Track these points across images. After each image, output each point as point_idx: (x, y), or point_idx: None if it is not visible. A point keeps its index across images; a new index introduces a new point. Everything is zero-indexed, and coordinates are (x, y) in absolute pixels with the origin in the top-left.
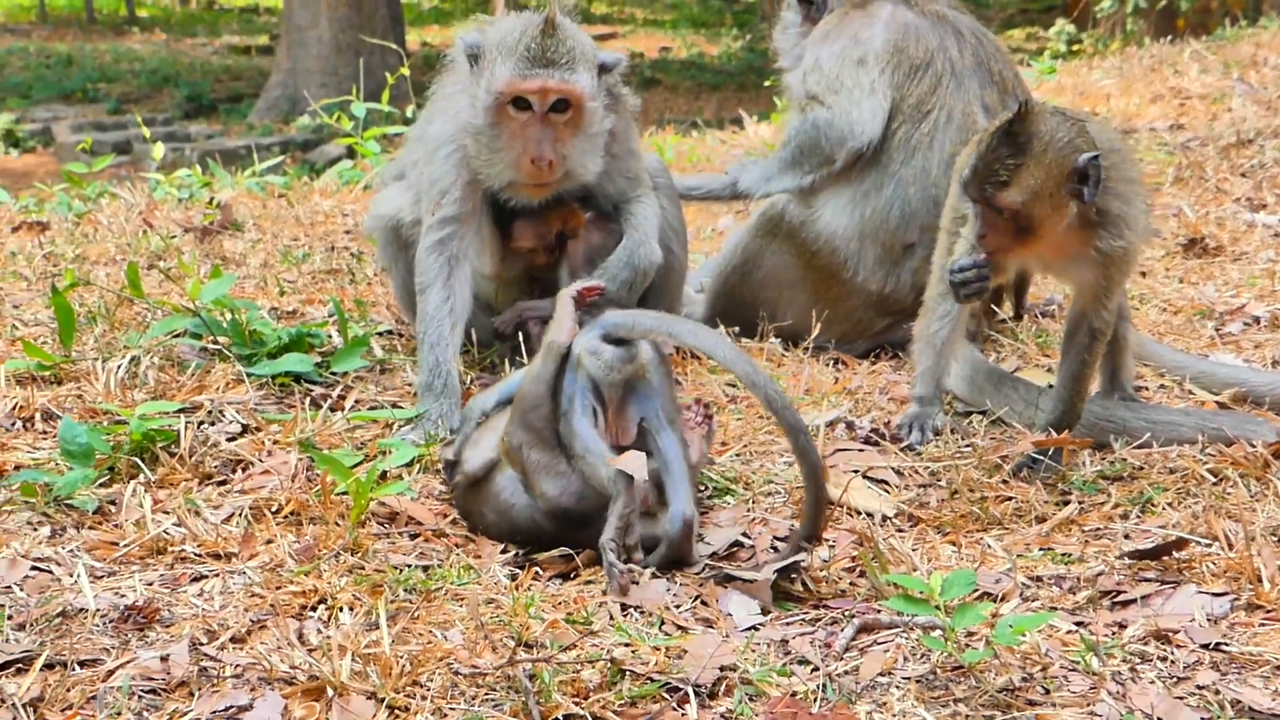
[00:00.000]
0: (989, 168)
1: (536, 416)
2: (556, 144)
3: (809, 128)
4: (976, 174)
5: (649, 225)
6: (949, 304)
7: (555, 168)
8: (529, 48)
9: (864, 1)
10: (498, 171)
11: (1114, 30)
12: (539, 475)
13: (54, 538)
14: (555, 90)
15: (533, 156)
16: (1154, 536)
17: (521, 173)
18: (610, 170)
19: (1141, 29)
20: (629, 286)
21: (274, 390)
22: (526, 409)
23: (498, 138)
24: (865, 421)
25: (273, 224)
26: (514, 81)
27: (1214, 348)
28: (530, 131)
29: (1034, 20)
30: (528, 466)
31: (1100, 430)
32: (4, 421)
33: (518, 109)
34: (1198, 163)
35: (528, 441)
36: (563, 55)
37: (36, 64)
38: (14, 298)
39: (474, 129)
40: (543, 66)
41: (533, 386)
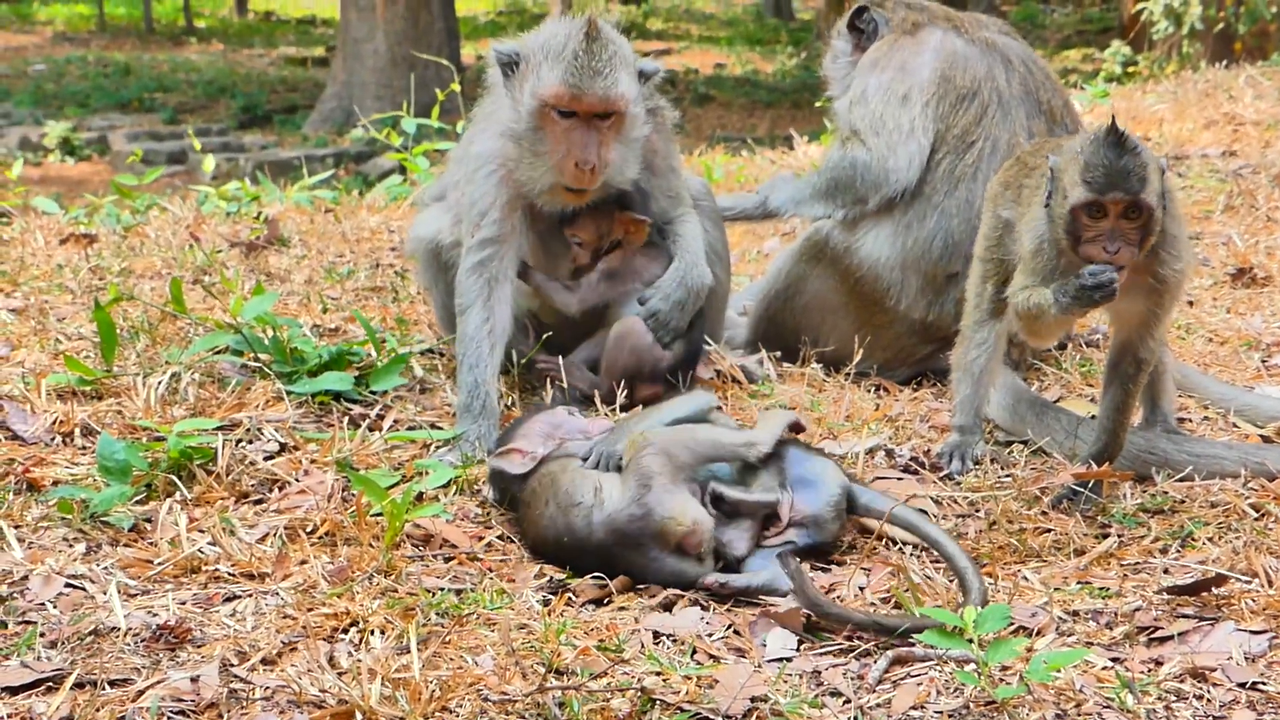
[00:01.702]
0: (1126, 168)
1: (687, 458)
2: (601, 148)
3: (846, 165)
4: (1121, 174)
5: (697, 245)
6: (985, 332)
7: (597, 173)
8: (576, 55)
9: (914, 28)
10: (539, 175)
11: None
12: (629, 481)
13: (89, 555)
14: (601, 100)
15: (577, 160)
16: (1193, 572)
17: (565, 177)
18: (652, 188)
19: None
20: (681, 307)
21: (313, 408)
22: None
23: (540, 142)
24: (905, 450)
25: (319, 240)
26: (561, 91)
27: (1260, 379)
28: (574, 136)
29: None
30: (634, 466)
31: (1142, 463)
32: (44, 436)
33: (562, 115)
34: (1249, 190)
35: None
36: (606, 63)
37: (95, 73)
38: (59, 310)
39: (515, 134)
40: (589, 75)
41: (708, 445)
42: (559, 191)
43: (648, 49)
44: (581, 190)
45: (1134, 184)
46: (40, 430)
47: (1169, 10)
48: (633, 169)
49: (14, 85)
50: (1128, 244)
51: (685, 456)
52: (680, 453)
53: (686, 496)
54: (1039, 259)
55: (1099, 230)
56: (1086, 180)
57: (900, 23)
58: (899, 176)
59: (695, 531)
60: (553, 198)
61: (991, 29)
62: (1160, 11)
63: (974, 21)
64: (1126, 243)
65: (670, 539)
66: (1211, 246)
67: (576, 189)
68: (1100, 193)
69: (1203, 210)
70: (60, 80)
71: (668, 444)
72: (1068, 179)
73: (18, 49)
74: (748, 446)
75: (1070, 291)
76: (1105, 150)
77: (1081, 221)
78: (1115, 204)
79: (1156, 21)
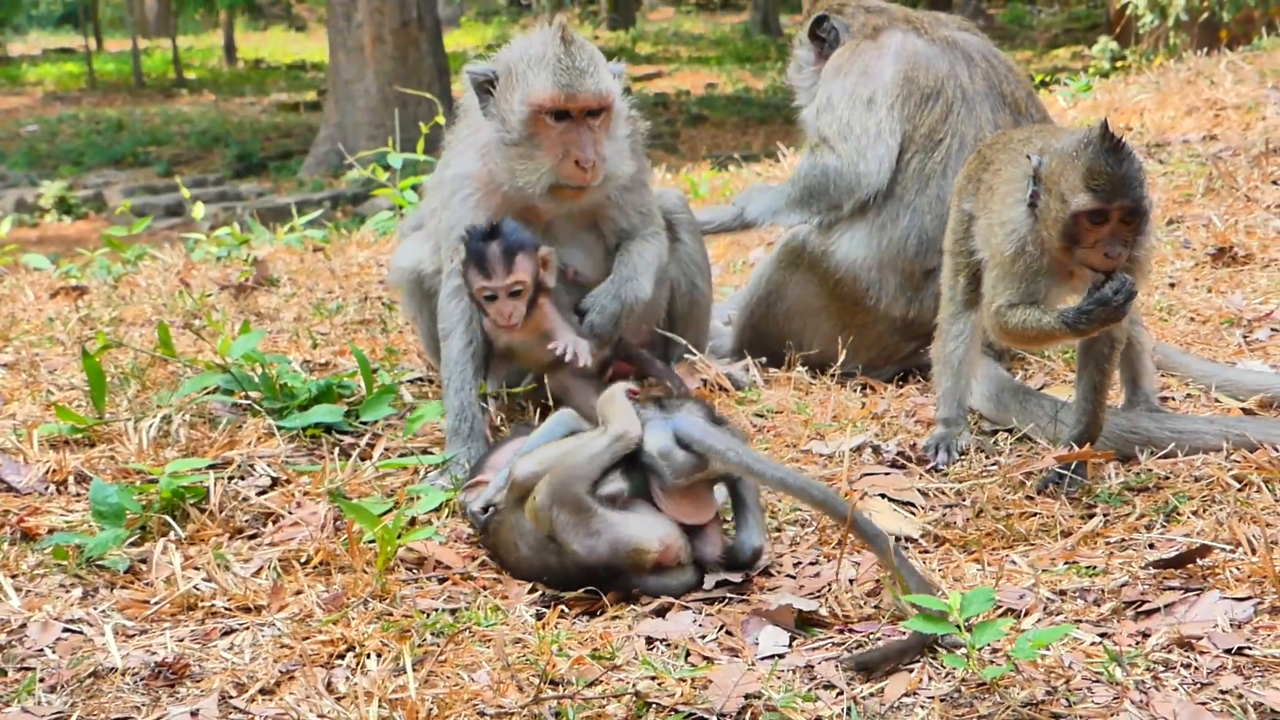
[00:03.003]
0: (1129, 175)
1: (580, 489)
2: (596, 146)
3: (818, 172)
4: (1125, 182)
5: (642, 262)
6: (961, 324)
7: (597, 169)
8: (559, 58)
9: (874, 32)
10: (538, 179)
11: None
12: (568, 534)
13: (85, 599)
14: (595, 98)
15: (577, 159)
16: (1178, 545)
17: (565, 176)
18: (624, 203)
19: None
20: (615, 320)
21: (305, 442)
22: (571, 479)
23: (536, 148)
24: (891, 445)
25: (308, 278)
26: (555, 94)
27: (1241, 355)
28: (570, 137)
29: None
30: (556, 526)
31: (1125, 443)
32: (38, 486)
33: (556, 119)
34: (1229, 173)
35: (561, 505)
36: (589, 61)
37: (87, 130)
38: (50, 362)
39: (508, 143)
40: (578, 75)
41: (587, 465)
42: (559, 192)
43: (638, 73)
44: (582, 188)
45: (1137, 190)
46: (34, 480)
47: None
48: (627, 165)
49: (7, 147)
50: (1124, 246)
51: (579, 488)
52: (567, 492)
53: (642, 517)
54: (1020, 262)
55: (1098, 235)
56: (1092, 188)
57: (860, 28)
58: (870, 180)
59: (668, 549)
60: (553, 199)
61: (951, 26)
62: (1145, 4)
63: (933, 21)
64: (1123, 245)
65: (645, 564)
66: (1192, 229)
67: (578, 186)
68: (1107, 201)
69: (1183, 194)
70: (53, 140)
71: (558, 494)
72: (1066, 184)
73: (9, 111)
74: (620, 440)
75: (1095, 315)
76: (1106, 157)
77: (1082, 226)
78: (1119, 210)
79: (1142, 15)
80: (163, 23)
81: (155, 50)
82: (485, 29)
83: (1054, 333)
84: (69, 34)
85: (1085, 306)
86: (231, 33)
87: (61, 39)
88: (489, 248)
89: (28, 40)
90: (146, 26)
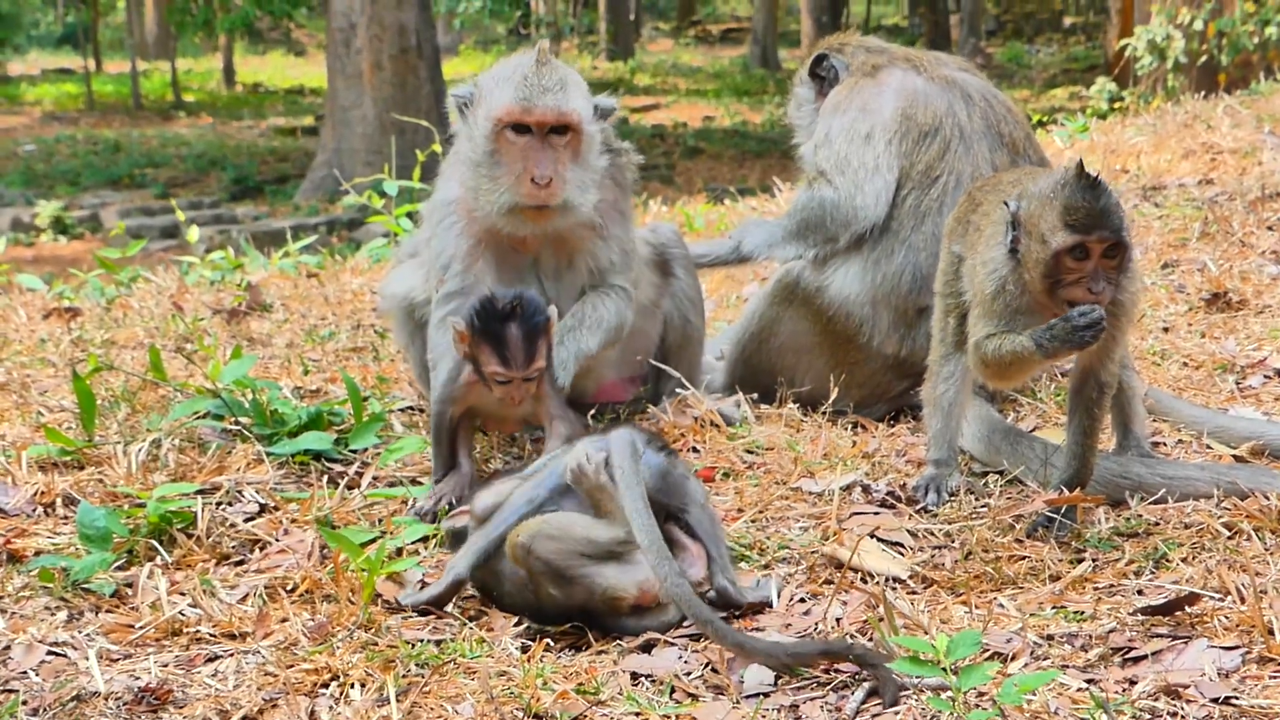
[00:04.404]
0: (1106, 208)
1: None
2: (557, 165)
3: (815, 205)
4: (1102, 215)
5: (594, 316)
6: (952, 365)
7: (555, 188)
8: (526, 76)
9: (873, 70)
10: (497, 198)
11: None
12: (543, 578)
13: (70, 622)
14: (554, 111)
15: (532, 175)
16: (1167, 592)
17: (522, 194)
18: (604, 237)
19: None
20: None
21: (294, 468)
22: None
23: (497, 165)
24: (881, 485)
25: (301, 304)
26: (512, 107)
27: (1234, 402)
28: (530, 154)
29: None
30: (533, 569)
31: (1116, 487)
32: (25, 508)
33: (517, 133)
34: (1224, 217)
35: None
36: (557, 82)
37: (84, 151)
38: (40, 384)
39: (474, 161)
40: (540, 91)
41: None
42: (520, 214)
43: (636, 104)
44: (541, 208)
45: (1115, 223)
46: (21, 502)
47: (1152, 45)
48: (592, 195)
49: (4, 166)
50: (1108, 283)
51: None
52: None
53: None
54: (1000, 300)
55: (1082, 272)
56: (1069, 224)
57: (860, 66)
58: (867, 213)
59: (645, 593)
60: (514, 220)
61: (950, 66)
62: (1144, 47)
63: (933, 60)
64: (1107, 281)
65: (623, 608)
66: (1187, 273)
67: (535, 206)
68: (1085, 234)
69: (1178, 238)
70: (50, 160)
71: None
72: (1045, 224)
73: (7, 130)
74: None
75: (1059, 334)
76: (1082, 193)
77: (1064, 265)
78: (1099, 244)
79: (1140, 57)
80: (162, 45)
81: (154, 72)
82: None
83: (1025, 354)
84: (68, 54)
85: (1054, 323)
86: (231, 56)
87: (61, 59)
88: (509, 331)
89: (27, 60)
90: (146, 49)
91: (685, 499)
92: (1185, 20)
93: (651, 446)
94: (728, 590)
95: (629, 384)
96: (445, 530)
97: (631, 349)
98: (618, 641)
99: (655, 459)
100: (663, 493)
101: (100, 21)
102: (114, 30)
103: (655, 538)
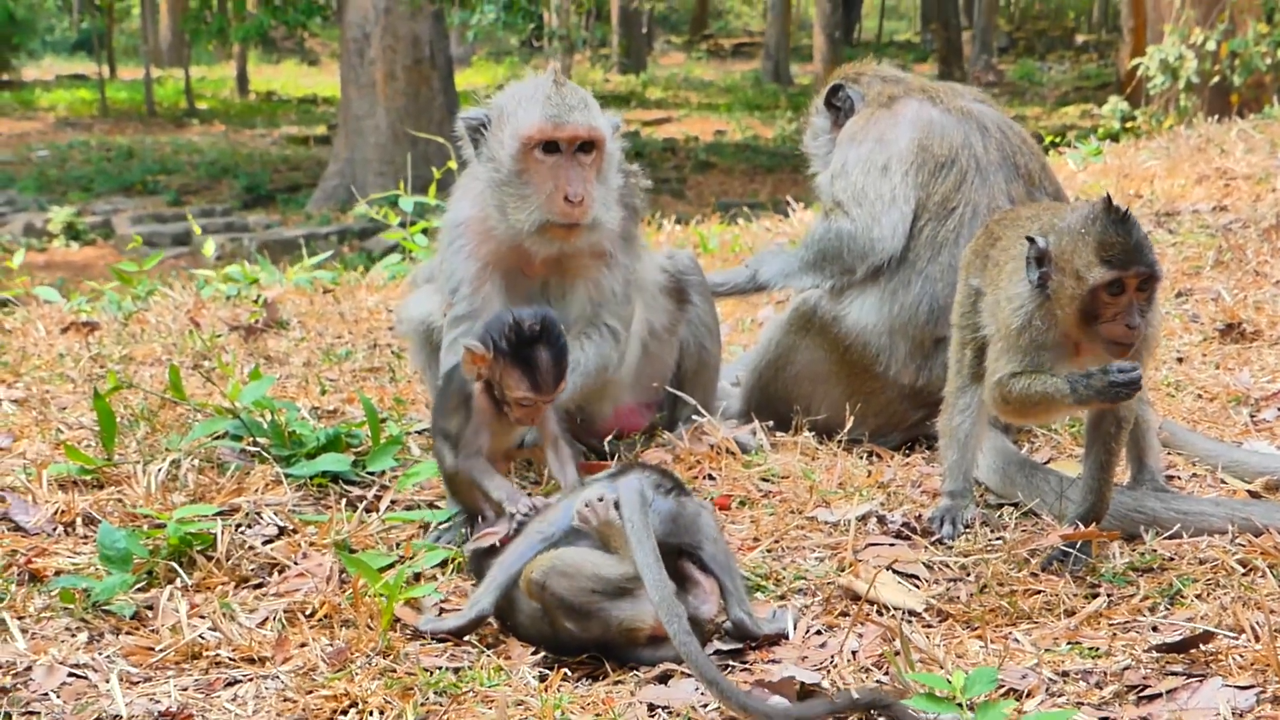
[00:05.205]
0: (1141, 242)
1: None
2: (586, 183)
3: (832, 236)
4: (1138, 249)
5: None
6: (968, 397)
7: (586, 206)
8: (549, 95)
9: (890, 101)
10: (527, 217)
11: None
12: (559, 612)
13: (91, 644)
14: (585, 128)
15: (565, 194)
16: (1181, 629)
17: (555, 212)
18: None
19: (1195, 105)
20: None
21: (312, 490)
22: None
23: (526, 184)
24: (897, 515)
25: (318, 321)
26: (544, 125)
27: (1248, 435)
28: (560, 172)
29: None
30: (548, 604)
31: (1130, 521)
32: (46, 527)
33: (546, 152)
34: (1239, 245)
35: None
36: (580, 100)
37: (98, 157)
38: (60, 400)
39: (499, 182)
40: (567, 109)
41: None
42: (549, 231)
43: (648, 117)
44: (572, 225)
45: (1150, 257)
46: (42, 521)
47: (1165, 65)
48: (615, 212)
49: (18, 171)
50: (1142, 316)
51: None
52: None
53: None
54: (1025, 335)
55: (1117, 306)
56: (1106, 259)
57: (876, 96)
58: (884, 244)
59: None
60: (543, 239)
61: (966, 97)
62: (1156, 66)
63: (949, 91)
64: (1141, 315)
65: (639, 640)
66: (1201, 302)
67: (566, 224)
68: (1124, 269)
69: (1192, 266)
70: (64, 165)
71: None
72: (1079, 260)
73: (21, 135)
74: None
75: (1096, 386)
76: (1115, 227)
77: (1101, 300)
78: (1135, 278)
79: (1153, 76)
80: (176, 52)
81: (168, 79)
82: (497, 68)
83: (1057, 398)
84: (83, 60)
85: (1092, 372)
86: (244, 64)
87: (75, 65)
88: (539, 354)
89: (42, 65)
90: (160, 56)
91: (698, 536)
92: (1198, 40)
93: (660, 491)
94: (744, 622)
95: (645, 410)
96: (469, 552)
97: (648, 375)
98: (634, 672)
99: (664, 505)
100: (673, 535)
101: (115, 28)
102: (129, 37)
103: (666, 594)
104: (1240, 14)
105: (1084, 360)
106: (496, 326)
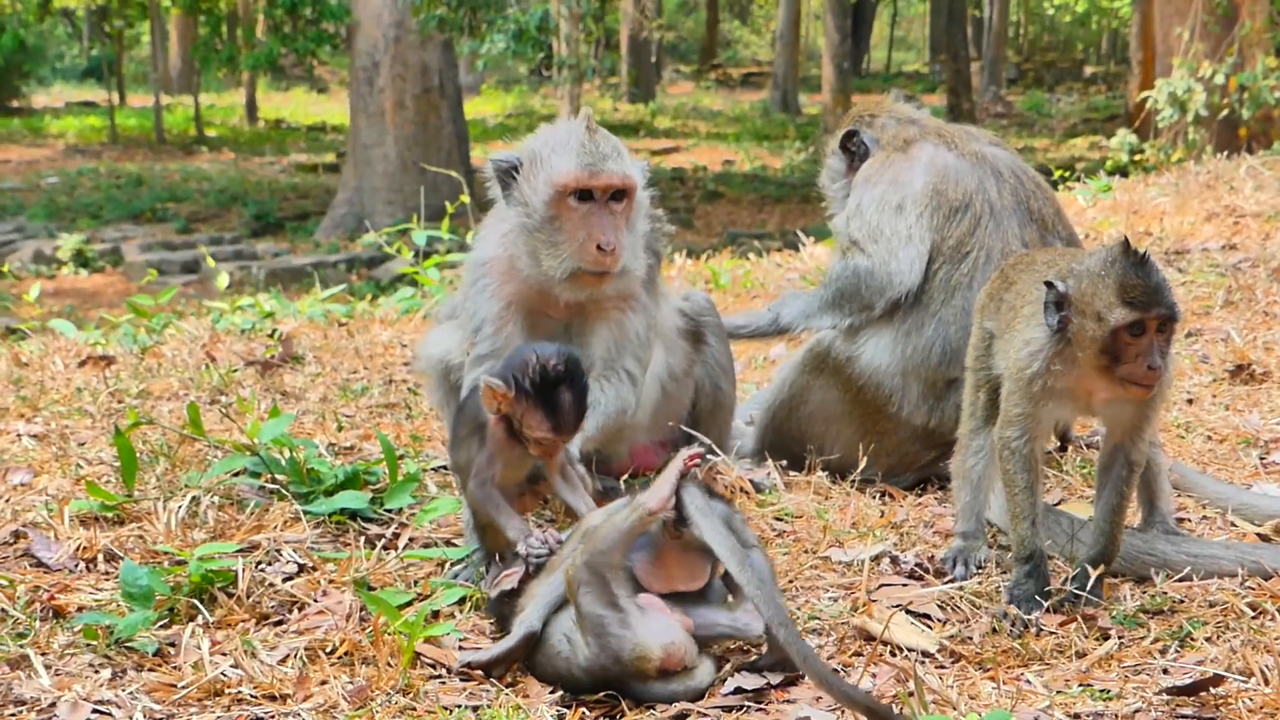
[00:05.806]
0: (1161, 284)
1: (605, 562)
2: (617, 232)
3: (849, 274)
4: (1158, 291)
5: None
6: (981, 439)
7: (617, 255)
8: (583, 143)
9: (905, 144)
10: (559, 264)
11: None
12: (587, 628)
13: (114, 680)
14: (619, 177)
15: (598, 242)
16: (1192, 673)
17: (587, 260)
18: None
19: (1203, 138)
20: None
21: (330, 527)
22: (599, 551)
23: (558, 231)
24: (910, 555)
25: (333, 356)
26: (579, 174)
27: (1258, 477)
28: (592, 220)
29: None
30: (582, 611)
31: (1141, 564)
32: (68, 563)
33: (579, 200)
34: (1248, 285)
35: (588, 585)
36: (613, 148)
37: (107, 184)
38: (79, 435)
39: (531, 227)
40: (601, 158)
41: (611, 533)
42: (580, 279)
43: (656, 147)
44: (603, 273)
45: (1170, 298)
46: (64, 557)
47: (1173, 98)
48: (643, 259)
49: (27, 198)
50: (1163, 356)
51: (608, 559)
52: (602, 560)
53: (649, 622)
54: (1038, 382)
55: (1139, 348)
56: (1128, 301)
57: (891, 140)
58: (902, 279)
59: (670, 655)
60: (574, 285)
61: (981, 141)
62: (1165, 99)
63: (964, 135)
64: (1161, 355)
65: (649, 671)
66: (1211, 342)
67: (597, 272)
68: (1145, 310)
69: (1202, 305)
70: (73, 192)
71: (591, 563)
72: (1100, 302)
73: (30, 162)
74: (638, 510)
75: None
76: (1134, 269)
77: (1123, 341)
78: (1156, 320)
79: (1161, 109)
80: (185, 80)
81: (177, 107)
82: (506, 97)
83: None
84: (92, 88)
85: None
86: (253, 92)
87: (85, 92)
88: (564, 397)
89: (51, 92)
90: (169, 83)
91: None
92: (1207, 73)
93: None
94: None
95: (660, 449)
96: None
97: (664, 415)
98: (650, 710)
99: (720, 506)
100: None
101: (124, 55)
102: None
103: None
104: (1249, 48)
105: (1094, 403)
106: (519, 365)
